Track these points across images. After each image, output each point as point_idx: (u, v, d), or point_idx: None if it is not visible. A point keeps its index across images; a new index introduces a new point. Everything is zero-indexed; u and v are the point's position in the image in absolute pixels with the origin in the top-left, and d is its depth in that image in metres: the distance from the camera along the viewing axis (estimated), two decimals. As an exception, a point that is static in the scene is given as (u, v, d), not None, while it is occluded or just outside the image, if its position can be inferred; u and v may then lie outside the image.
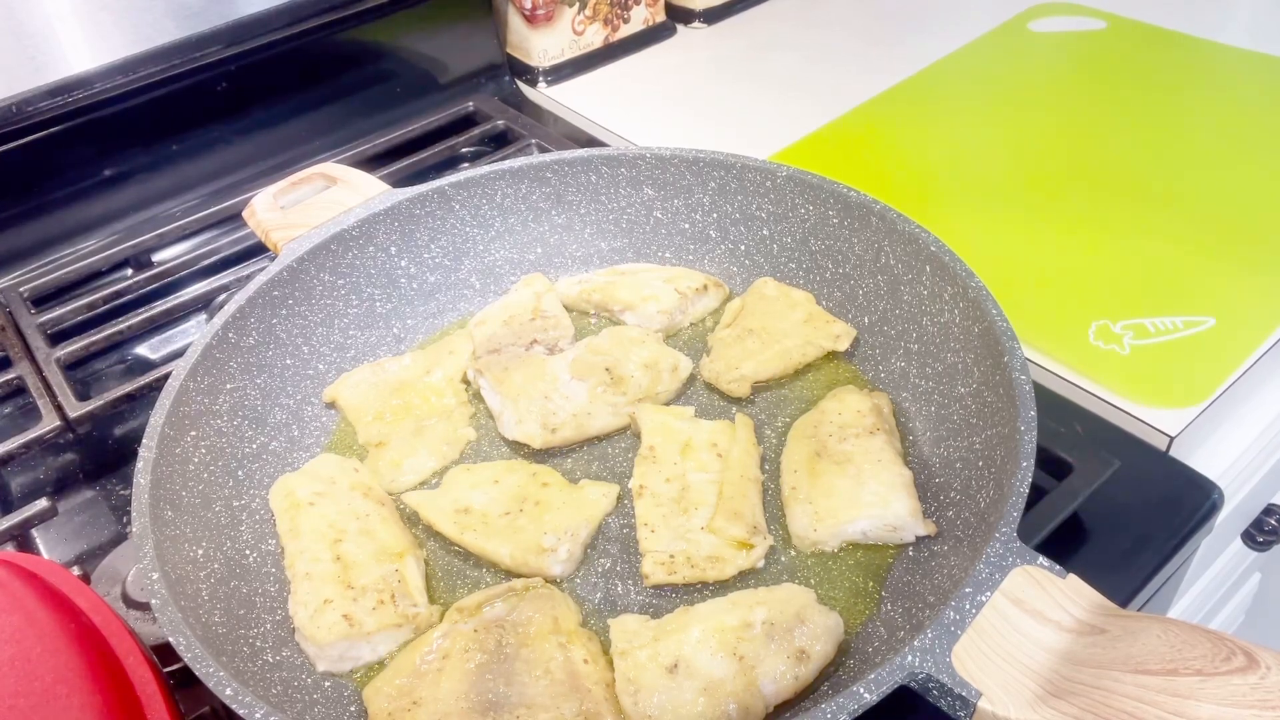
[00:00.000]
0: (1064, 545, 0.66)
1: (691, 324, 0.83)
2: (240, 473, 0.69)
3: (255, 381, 0.73)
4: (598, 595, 0.64)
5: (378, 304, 0.82)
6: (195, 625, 0.54)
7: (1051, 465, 0.68)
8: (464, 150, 1.11)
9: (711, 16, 1.35)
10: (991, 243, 0.91)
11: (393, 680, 0.57)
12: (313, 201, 0.82)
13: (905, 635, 0.56)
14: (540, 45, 1.23)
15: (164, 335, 0.93)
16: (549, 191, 0.85)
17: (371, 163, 1.06)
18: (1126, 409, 0.75)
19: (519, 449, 0.74)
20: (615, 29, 1.29)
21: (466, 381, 0.78)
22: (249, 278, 0.79)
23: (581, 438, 0.73)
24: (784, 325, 0.77)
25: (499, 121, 1.13)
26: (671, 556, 0.63)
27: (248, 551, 0.66)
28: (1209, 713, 0.43)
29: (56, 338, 0.88)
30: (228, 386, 0.71)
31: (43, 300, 0.93)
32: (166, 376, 0.67)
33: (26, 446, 0.76)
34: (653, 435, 0.70)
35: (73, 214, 1.00)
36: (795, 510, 0.65)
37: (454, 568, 0.66)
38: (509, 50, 1.26)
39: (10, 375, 0.83)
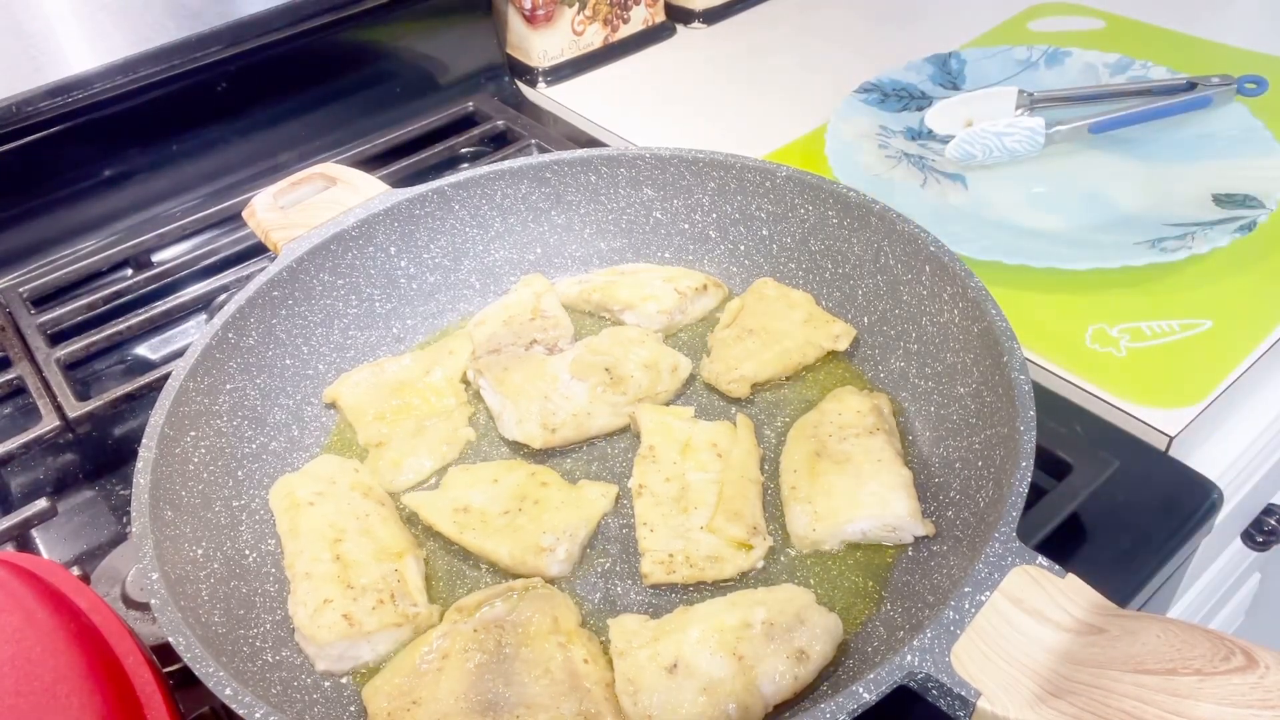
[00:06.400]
0: (1063, 545, 0.66)
1: (691, 324, 0.83)
2: (240, 473, 0.69)
3: (255, 382, 0.73)
4: (597, 595, 0.64)
5: (377, 304, 0.82)
6: (195, 625, 0.54)
7: (1051, 465, 0.68)
8: (464, 150, 1.11)
9: (711, 17, 1.35)
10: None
11: (392, 680, 0.57)
12: (313, 202, 0.82)
13: (905, 635, 0.56)
14: (540, 45, 1.23)
15: (164, 335, 0.93)
16: (549, 192, 0.86)
17: (371, 163, 1.06)
18: (1126, 409, 0.75)
19: (519, 449, 0.74)
20: (615, 29, 1.29)
21: (466, 381, 0.78)
22: (249, 278, 0.79)
23: (581, 438, 0.73)
24: (784, 325, 0.77)
25: (499, 122, 1.13)
26: (671, 556, 0.63)
27: (247, 551, 0.66)
28: (1208, 712, 0.43)
29: (56, 338, 0.88)
30: (227, 386, 0.71)
31: (43, 300, 0.93)
32: (166, 376, 0.67)
33: (26, 446, 0.76)
34: (652, 435, 0.70)
35: (73, 214, 1.00)
36: (795, 510, 0.65)
37: (454, 567, 0.66)
38: (509, 50, 1.27)
39: (10, 375, 0.83)
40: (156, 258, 0.99)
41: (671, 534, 0.64)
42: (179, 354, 0.77)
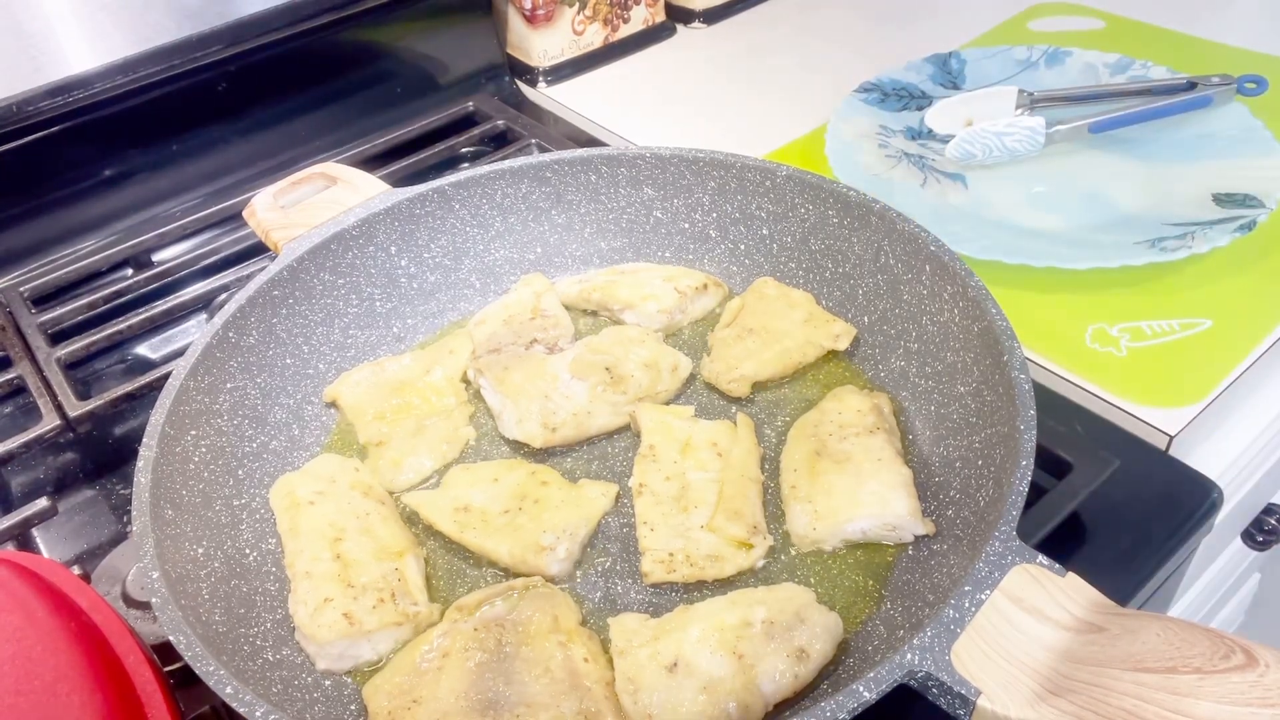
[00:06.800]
0: (1064, 544, 0.66)
1: (691, 323, 0.83)
2: (240, 472, 0.69)
3: (255, 381, 0.73)
4: (597, 594, 0.64)
5: (378, 303, 0.82)
6: (195, 624, 0.54)
7: (1051, 464, 0.68)
8: (464, 150, 1.11)
9: (711, 17, 1.36)
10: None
11: (392, 679, 0.57)
12: (313, 201, 0.82)
13: (905, 634, 0.56)
14: (540, 45, 1.23)
15: (164, 335, 0.93)
16: (549, 191, 0.86)
17: (371, 163, 1.06)
18: (1126, 408, 0.75)
19: (519, 448, 0.74)
20: (615, 29, 1.29)
21: (466, 381, 0.79)
22: (249, 277, 0.79)
23: (581, 437, 0.73)
24: (784, 325, 0.77)
25: (499, 121, 1.13)
26: (671, 555, 0.63)
27: (248, 550, 0.66)
28: (1208, 710, 0.43)
29: (57, 337, 0.88)
30: (228, 386, 0.71)
31: (43, 300, 0.93)
32: (167, 376, 0.67)
33: (27, 446, 0.76)
34: (652, 434, 0.70)
35: (73, 214, 1.00)
36: (795, 509, 0.65)
37: (454, 567, 0.66)
38: (509, 50, 1.27)
39: (10, 375, 0.83)
40: (157, 257, 0.99)
41: (672, 533, 0.64)
42: (179, 353, 0.77)
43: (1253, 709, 0.43)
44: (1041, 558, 0.51)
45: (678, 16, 1.35)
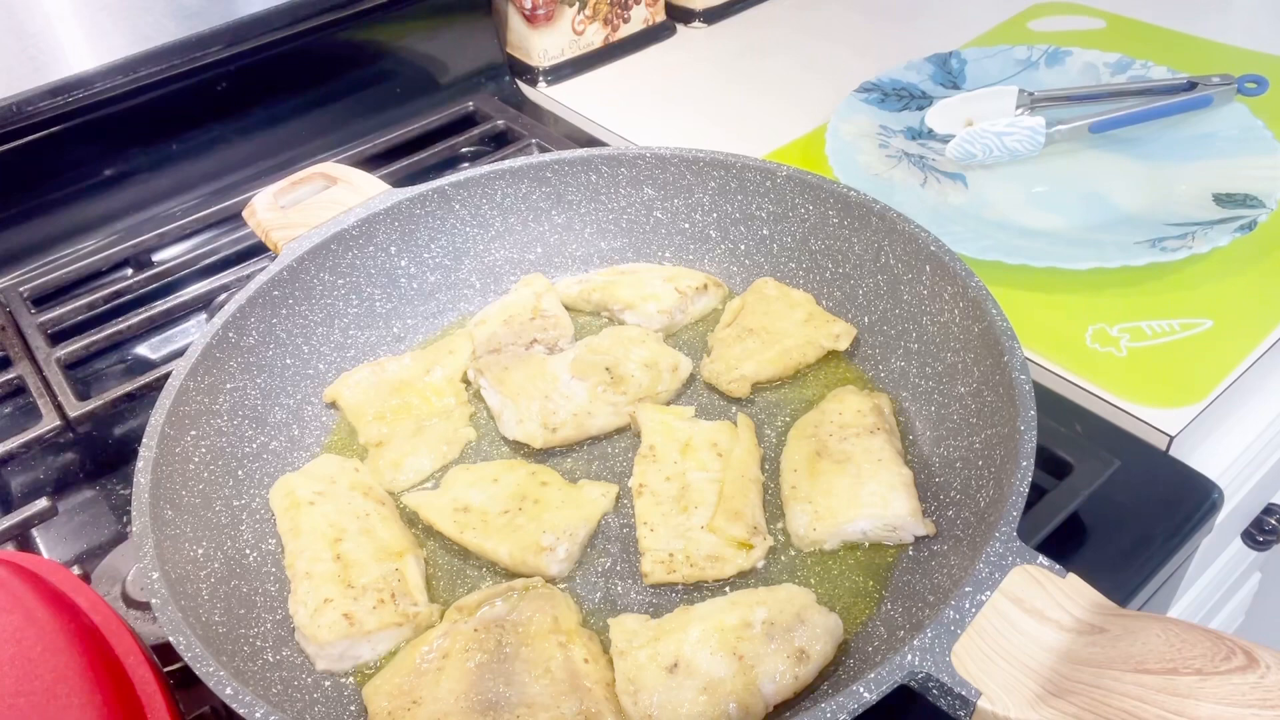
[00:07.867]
0: (1064, 545, 0.66)
1: (691, 323, 0.83)
2: (240, 472, 0.69)
3: (255, 381, 0.73)
4: (597, 595, 0.64)
5: (378, 304, 0.82)
6: (195, 625, 0.54)
7: (1051, 465, 0.68)
8: (464, 150, 1.11)
9: (711, 16, 1.36)
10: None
11: (392, 679, 0.57)
12: (313, 201, 0.82)
13: (905, 635, 0.56)
14: (540, 45, 1.23)
15: (164, 335, 0.93)
16: (549, 191, 0.86)
17: (371, 163, 1.06)
18: (1126, 409, 0.75)
19: (519, 448, 0.74)
20: (615, 29, 1.29)
21: (466, 381, 0.79)
22: (249, 277, 0.79)
23: (582, 437, 0.73)
24: (784, 325, 0.77)
25: (499, 121, 1.13)
26: (671, 555, 0.63)
27: (248, 551, 0.66)
28: (1209, 711, 0.43)
29: (56, 337, 0.88)
30: (228, 386, 0.71)
31: (43, 300, 0.93)
32: (166, 376, 0.67)
33: (27, 446, 0.76)
34: (653, 435, 0.70)
35: (73, 214, 1.00)
36: (795, 510, 0.65)
37: (454, 567, 0.66)
38: (509, 50, 1.27)
39: (10, 375, 0.83)
40: (156, 257, 0.99)
41: (672, 533, 0.64)
42: (179, 353, 0.77)
43: (1253, 710, 0.43)
44: (1042, 558, 0.51)
45: (678, 16, 1.35)
